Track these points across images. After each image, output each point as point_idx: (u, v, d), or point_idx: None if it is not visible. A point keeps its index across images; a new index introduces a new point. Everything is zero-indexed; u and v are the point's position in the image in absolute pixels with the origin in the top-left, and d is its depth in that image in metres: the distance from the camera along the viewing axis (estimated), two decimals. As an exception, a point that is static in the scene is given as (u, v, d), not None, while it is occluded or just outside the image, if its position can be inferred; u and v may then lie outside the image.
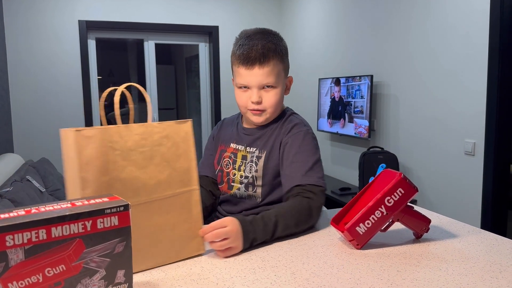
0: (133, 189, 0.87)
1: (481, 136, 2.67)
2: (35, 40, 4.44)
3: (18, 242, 0.62)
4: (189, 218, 0.95)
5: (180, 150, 0.94)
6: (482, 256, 0.94)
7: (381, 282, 0.82)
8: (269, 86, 1.24)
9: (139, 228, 0.87)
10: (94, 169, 0.83)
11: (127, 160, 0.86)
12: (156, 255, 0.91)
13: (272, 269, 0.89)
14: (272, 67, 1.22)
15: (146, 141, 0.90)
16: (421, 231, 1.04)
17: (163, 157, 0.92)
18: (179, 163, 0.94)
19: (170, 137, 0.93)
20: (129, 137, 0.87)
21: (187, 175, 0.95)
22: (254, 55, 1.20)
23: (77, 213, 0.67)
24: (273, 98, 1.26)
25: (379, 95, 3.58)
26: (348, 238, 0.99)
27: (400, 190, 0.98)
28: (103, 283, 0.71)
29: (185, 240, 0.95)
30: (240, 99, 1.28)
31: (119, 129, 0.86)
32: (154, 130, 0.91)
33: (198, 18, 4.98)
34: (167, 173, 0.92)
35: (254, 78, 1.22)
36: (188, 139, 0.96)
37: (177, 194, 0.93)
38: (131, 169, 0.87)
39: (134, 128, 0.88)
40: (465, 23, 2.74)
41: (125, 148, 0.86)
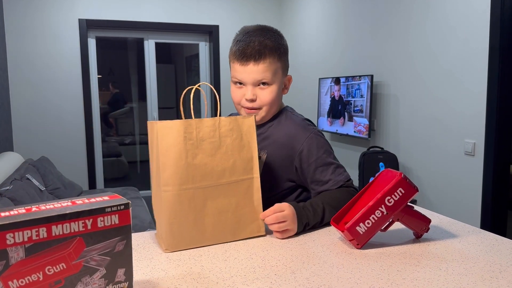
0: (202, 173, 1.00)
1: (481, 136, 2.67)
2: (35, 39, 4.44)
3: (18, 240, 0.62)
4: (250, 202, 1.06)
5: (243, 141, 1.06)
6: (482, 256, 0.94)
7: (381, 282, 0.82)
8: (264, 84, 1.23)
9: (205, 207, 1.01)
10: (172, 155, 0.98)
11: (198, 148, 1.00)
12: (219, 233, 1.03)
13: (272, 268, 0.89)
14: (268, 64, 1.21)
15: (215, 133, 1.03)
16: (421, 231, 1.04)
17: (229, 147, 1.04)
18: (243, 153, 1.06)
19: (235, 130, 1.05)
20: (201, 129, 1.01)
21: (250, 163, 1.07)
22: (249, 52, 1.19)
23: (77, 211, 0.67)
24: (268, 96, 1.23)
25: (379, 95, 3.58)
26: (348, 237, 0.99)
27: (401, 189, 0.98)
28: (103, 281, 0.71)
29: (246, 222, 1.06)
30: (235, 95, 1.27)
31: (194, 123, 1.01)
32: (222, 124, 1.04)
33: (198, 17, 4.98)
34: (232, 161, 1.04)
35: (248, 75, 1.21)
36: (251, 132, 1.07)
37: (240, 180, 1.05)
38: (202, 156, 1.01)
39: (206, 121, 1.02)
40: (466, 23, 2.74)
41: (198, 138, 1.00)
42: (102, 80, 5.24)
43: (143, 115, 6.36)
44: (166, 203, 0.98)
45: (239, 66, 1.22)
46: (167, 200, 0.98)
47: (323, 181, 1.22)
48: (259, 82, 1.22)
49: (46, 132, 4.56)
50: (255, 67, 1.20)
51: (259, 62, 1.20)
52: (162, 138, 0.98)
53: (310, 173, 1.23)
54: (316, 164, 1.22)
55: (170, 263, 0.92)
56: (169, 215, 0.98)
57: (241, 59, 1.21)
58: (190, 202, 1.00)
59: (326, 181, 1.21)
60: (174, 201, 0.98)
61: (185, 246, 1.00)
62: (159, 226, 1.02)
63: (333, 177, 1.22)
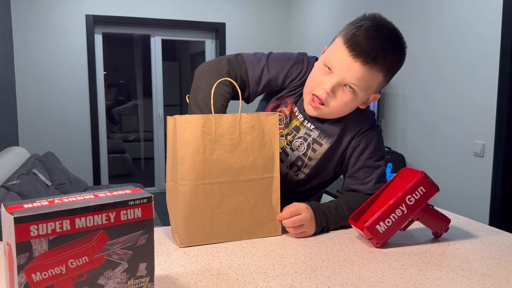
0: (220, 169, 0.99)
1: (490, 137, 2.65)
2: (42, 34, 4.43)
3: (42, 232, 0.61)
4: (268, 202, 1.04)
5: (265, 140, 1.03)
6: (504, 256, 0.92)
7: (404, 281, 0.80)
8: (350, 88, 1.06)
9: (222, 204, 1.00)
10: (190, 149, 0.97)
11: (217, 143, 0.99)
12: (235, 231, 1.02)
13: (292, 266, 0.87)
14: (371, 75, 1.03)
15: (235, 129, 1.00)
16: (441, 231, 1.03)
17: (249, 144, 1.02)
18: (264, 151, 1.03)
19: (257, 128, 1.02)
20: (220, 125, 0.99)
21: (270, 162, 1.04)
22: (367, 49, 1.00)
23: (101, 204, 0.66)
24: (344, 103, 1.08)
25: (387, 94, 3.57)
26: (367, 236, 0.97)
27: (422, 188, 0.97)
28: (125, 275, 0.70)
29: (263, 221, 1.04)
30: (314, 77, 1.10)
31: (213, 118, 0.99)
32: (243, 120, 1.01)
33: (205, 15, 4.97)
34: (251, 159, 1.02)
35: (346, 70, 1.03)
36: (274, 130, 1.04)
37: (259, 178, 1.03)
38: (220, 152, 0.99)
39: (226, 117, 1.00)
40: (477, 22, 2.72)
41: (216, 133, 0.99)
42: (107, 76, 5.23)
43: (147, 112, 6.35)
44: (182, 196, 0.97)
45: (346, 55, 1.02)
46: (183, 194, 0.97)
47: (363, 181, 1.15)
48: (348, 84, 1.05)
49: (52, 128, 4.55)
50: (360, 68, 1.02)
51: (367, 67, 1.02)
52: (181, 132, 0.97)
53: (354, 168, 1.16)
54: (365, 162, 1.15)
55: (187, 259, 0.91)
56: (185, 209, 0.97)
57: (353, 50, 1.01)
58: (207, 198, 0.99)
59: (366, 182, 1.15)
60: (190, 195, 0.97)
61: (200, 242, 0.99)
62: (175, 220, 1.01)
63: (374, 182, 1.15)
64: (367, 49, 1.00)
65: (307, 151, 1.18)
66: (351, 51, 1.01)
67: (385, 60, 1.03)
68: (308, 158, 1.19)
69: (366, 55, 1.01)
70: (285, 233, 1.07)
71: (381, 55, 1.02)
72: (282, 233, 1.07)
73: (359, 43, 1.01)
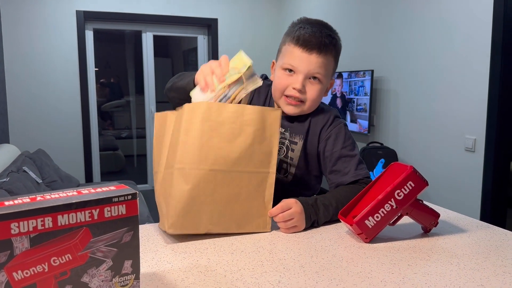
0: (216, 157, 0.98)
1: (481, 132, 2.66)
2: (32, 30, 4.39)
3: (23, 230, 0.60)
4: (261, 197, 1.03)
5: (266, 134, 1.03)
6: (492, 251, 0.92)
7: (392, 276, 0.80)
8: (315, 79, 1.17)
9: (214, 193, 0.98)
10: (191, 134, 0.97)
11: (216, 131, 0.98)
12: (224, 222, 1.00)
13: (280, 261, 0.87)
14: (327, 61, 1.17)
15: (237, 119, 1.00)
16: (430, 225, 1.03)
17: (250, 136, 1.00)
18: (263, 145, 1.02)
19: (259, 121, 1.01)
20: (221, 113, 0.99)
21: (268, 157, 1.03)
22: (316, 41, 1.14)
23: (84, 201, 0.65)
24: (316, 93, 1.18)
25: (379, 90, 3.57)
26: (356, 231, 0.97)
27: (411, 183, 0.96)
28: (109, 273, 0.69)
29: (254, 216, 1.03)
30: (280, 81, 1.19)
31: (216, 106, 0.99)
32: (246, 112, 1.00)
33: (197, 10, 4.94)
34: (250, 151, 1.00)
35: (306, 65, 1.15)
36: (275, 126, 1.03)
37: (255, 172, 1.02)
38: (218, 140, 0.98)
39: (229, 107, 1.00)
40: (468, 18, 2.73)
41: (217, 121, 0.98)
42: (99, 73, 5.19)
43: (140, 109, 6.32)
44: (176, 180, 0.96)
45: (301, 52, 1.15)
46: (178, 177, 0.96)
47: (343, 172, 1.19)
48: (312, 75, 1.17)
49: (43, 125, 4.52)
50: (317, 58, 1.15)
51: (321, 55, 1.15)
52: (181, 116, 0.98)
53: (332, 161, 1.21)
54: (341, 153, 1.20)
55: (175, 256, 0.90)
56: (177, 193, 0.96)
57: (305, 46, 1.14)
58: (200, 183, 0.97)
59: (346, 172, 1.19)
60: (184, 179, 0.96)
61: (188, 229, 0.98)
62: (165, 205, 0.99)
63: (354, 169, 1.19)
64: (317, 42, 1.14)
65: (287, 153, 1.26)
66: (305, 48, 1.15)
67: (332, 45, 1.17)
68: (289, 158, 1.26)
69: (318, 46, 1.14)
70: (274, 229, 1.07)
71: (328, 43, 1.16)
72: (271, 230, 1.06)
73: (308, 40, 1.14)
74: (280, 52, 1.23)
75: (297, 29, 1.17)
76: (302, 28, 1.16)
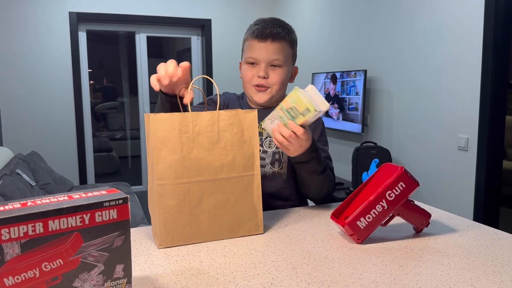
0: (198, 168, 0.99)
1: (474, 131, 2.68)
2: (24, 32, 4.36)
3: (14, 235, 0.60)
4: (249, 200, 1.04)
5: (244, 137, 1.03)
6: (483, 250, 0.93)
7: (384, 277, 0.80)
8: (275, 66, 1.30)
9: (201, 203, 0.99)
10: (166, 148, 0.96)
11: (195, 142, 0.98)
12: (216, 230, 1.01)
13: (273, 263, 0.87)
14: (283, 46, 1.29)
15: (213, 127, 1.00)
16: (422, 226, 1.03)
17: (228, 142, 1.01)
18: (243, 148, 1.03)
19: (236, 125, 1.02)
20: (197, 123, 0.98)
21: (250, 160, 1.04)
22: (268, 32, 1.27)
23: (75, 206, 0.65)
24: (279, 77, 1.30)
25: (373, 90, 3.58)
26: (348, 232, 0.98)
27: (402, 184, 0.97)
28: (101, 278, 0.69)
29: (244, 220, 1.04)
30: (247, 74, 1.32)
31: (190, 116, 0.98)
32: (221, 118, 1.01)
33: (190, 11, 4.93)
34: (231, 156, 1.01)
35: (264, 53, 1.28)
36: (253, 127, 1.04)
37: (239, 176, 1.03)
38: (198, 150, 0.98)
39: (203, 115, 0.99)
40: (459, 17, 2.74)
41: (194, 131, 0.98)
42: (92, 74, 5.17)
43: (134, 110, 6.30)
44: (160, 197, 0.96)
45: (257, 43, 1.28)
46: (161, 194, 0.96)
47: None
48: (272, 62, 1.29)
49: (36, 127, 4.49)
50: (271, 45, 1.28)
51: (276, 42, 1.28)
52: (156, 131, 0.96)
53: None
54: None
55: (168, 259, 0.90)
56: (163, 210, 0.96)
57: (260, 37, 1.28)
58: (185, 197, 0.98)
59: None
60: (168, 195, 0.96)
61: (180, 242, 0.98)
62: (154, 221, 1.00)
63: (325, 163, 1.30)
64: (270, 31, 1.28)
65: None
66: (260, 38, 1.28)
67: (284, 33, 1.30)
68: None
69: (271, 35, 1.28)
70: (268, 232, 1.07)
71: (280, 31, 1.29)
72: (264, 231, 1.06)
73: (262, 32, 1.28)
74: (242, 51, 1.38)
75: (251, 27, 1.32)
76: (257, 25, 1.31)
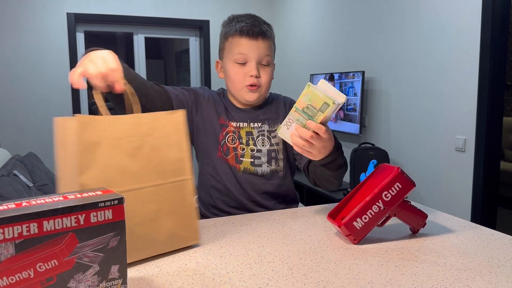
0: (122, 176, 0.87)
1: (471, 132, 2.68)
2: (22, 33, 4.36)
3: (8, 236, 0.60)
4: (182, 208, 0.95)
5: (171, 140, 0.95)
6: (479, 251, 0.93)
7: (380, 277, 0.80)
8: (264, 65, 1.28)
9: (134, 216, 0.87)
10: (84, 156, 0.83)
11: (115, 148, 0.87)
12: (148, 244, 0.90)
13: (269, 264, 0.87)
14: (270, 44, 1.28)
15: (136, 131, 0.90)
16: (418, 226, 1.03)
17: (153, 147, 0.92)
18: (170, 153, 0.94)
19: (161, 128, 0.94)
20: (117, 127, 0.88)
21: (179, 164, 0.95)
22: (258, 29, 1.25)
23: (69, 206, 0.65)
24: (269, 76, 1.29)
25: (371, 91, 3.58)
26: (345, 233, 0.98)
27: (398, 184, 0.97)
28: (96, 278, 0.69)
29: (181, 229, 0.95)
30: (237, 74, 1.27)
31: (108, 120, 0.87)
32: (144, 121, 0.92)
33: (188, 12, 4.93)
34: (157, 161, 0.92)
35: (256, 51, 1.25)
36: (180, 129, 0.97)
37: (169, 183, 0.94)
38: (120, 157, 0.87)
39: (123, 118, 0.89)
40: (457, 19, 2.75)
41: (114, 137, 0.87)
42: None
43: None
44: None
45: (248, 41, 1.24)
46: None
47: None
48: (262, 60, 1.27)
49: (34, 128, 4.49)
50: (262, 44, 1.25)
51: (266, 39, 1.26)
52: (68, 138, 0.84)
53: None
54: None
55: (163, 260, 0.90)
56: None
57: (251, 35, 1.24)
58: None
59: None
60: None
61: None
62: None
63: None
64: (259, 30, 1.25)
65: (271, 140, 1.33)
66: (251, 36, 1.24)
67: (270, 31, 1.29)
68: (276, 144, 1.33)
69: (261, 33, 1.25)
70: (263, 232, 1.07)
71: (267, 29, 1.28)
72: (260, 232, 1.06)
73: (251, 30, 1.24)
74: (223, 48, 1.31)
75: (234, 24, 1.27)
76: (240, 22, 1.26)
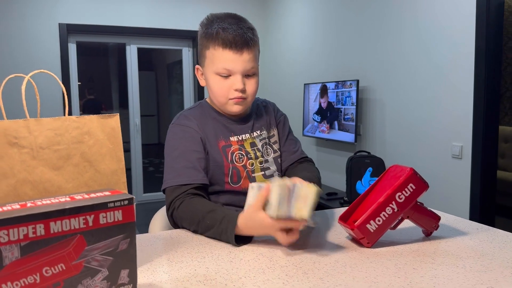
0: (45, 193, 0.74)
1: (468, 139, 2.68)
2: (13, 44, 4.31)
3: (13, 238, 0.56)
4: None
5: (105, 149, 0.84)
6: (497, 252, 0.91)
7: (399, 280, 0.77)
8: (250, 75, 1.19)
9: None
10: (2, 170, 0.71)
11: (37, 159, 0.74)
12: None
13: (282, 269, 0.83)
14: (255, 52, 1.18)
15: (62, 137, 0.78)
16: (431, 228, 1.01)
17: (84, 156, 0.80)
18: (104, 163, 0.83)
19: (93, 134, 0.83)
20: (39, 133, 0.76)
21: (114, 177, 0.84)
22: (243, 40, 1.13)
23: (78, 207, 0.61)
24: (255, 87, 1.21)
25: (365, 100, 3.58)
26: (358, 235, 0.94)
27: (411, 185, 0.94)
28: (105, 284, 0.64)
29: None
30: (221, 88, 1.17)
31: (27, 123, 0.74)
32: (72, 125, 0.80)
33: (181, 23, 4.92)
34: (88, 174, 0.81)
35: (241, 63, 1.14)
36: (116, 136, 0.86)
37: None
38: (43, 170, 0.75)
39: (47, 122, 0.77)
40: (452, 26, 2.76)
41: (35, 145, 0.74)
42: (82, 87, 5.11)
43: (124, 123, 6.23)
44: None
45: (232, 54, 1.13)
46: None
47: (293, 151, 1.34)
48: (247, 72, 1.17)
49: (24, 140, 4.41)
50: (248, 55, 1.15)
51: (251, 50, 1.15)
52: None
53: (282, 142, 1.34)
54: (289, 136, 1.36)
55: (172, 266, 0.86)
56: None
57: (235, 47, 1.13)
58: None
59: (295, 151, 1.34)
60: None
61: None
62: None
63: (301, 150, 1.36)
64: (243, 40, 1.13)
65: (273, 146, 1.33)
66: (235, 49, 1.13)
67: (255, 37, 1.18)
68: (278, 150, 1.34)
69: (246, 44, 1.14)
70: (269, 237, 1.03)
71: (252, 36, 1.16)
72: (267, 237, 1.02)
73: (235, 40, 1.13)
74: (204, 57, 1.20)
75: (216, 30, 1.14)
76: (222, 29, 1.13)
